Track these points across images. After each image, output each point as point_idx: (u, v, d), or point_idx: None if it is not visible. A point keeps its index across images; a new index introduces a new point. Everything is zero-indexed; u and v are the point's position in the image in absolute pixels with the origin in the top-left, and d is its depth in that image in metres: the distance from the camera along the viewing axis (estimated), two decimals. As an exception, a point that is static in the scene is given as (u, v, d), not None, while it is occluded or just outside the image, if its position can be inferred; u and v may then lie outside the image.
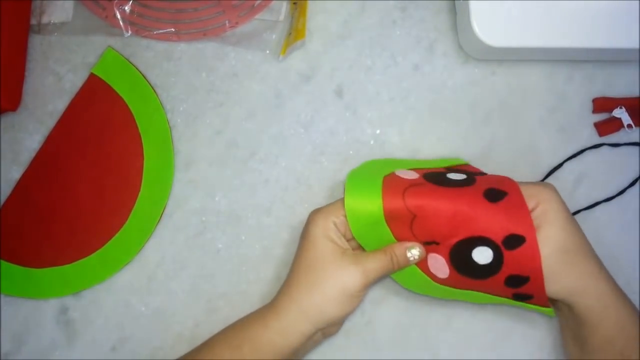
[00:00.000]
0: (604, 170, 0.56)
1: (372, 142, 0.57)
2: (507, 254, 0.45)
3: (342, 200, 0.48)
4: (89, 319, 0.54)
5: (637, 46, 0.53)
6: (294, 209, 0.55)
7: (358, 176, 0.50)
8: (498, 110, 0.57)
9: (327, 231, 0.47)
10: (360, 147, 0.56)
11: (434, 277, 0.49)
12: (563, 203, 0.47)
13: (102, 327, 0.53)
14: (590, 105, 0.57)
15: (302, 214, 0.55)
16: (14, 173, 0.55)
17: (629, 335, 0.46)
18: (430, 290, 0.50)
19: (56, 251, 0.54)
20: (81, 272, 0.54)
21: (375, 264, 0.47)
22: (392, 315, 0.54)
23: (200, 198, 0.55)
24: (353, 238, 0.49)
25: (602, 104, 0.57)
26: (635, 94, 0.57)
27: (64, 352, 0.53)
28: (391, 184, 0.47)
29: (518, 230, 0.45)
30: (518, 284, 0.46)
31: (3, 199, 0.55)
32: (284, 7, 0.58)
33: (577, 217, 0.54)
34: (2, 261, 0.53)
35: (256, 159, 0.56)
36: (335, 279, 0.46)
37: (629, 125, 0.56)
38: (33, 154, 0.55)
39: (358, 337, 0.53)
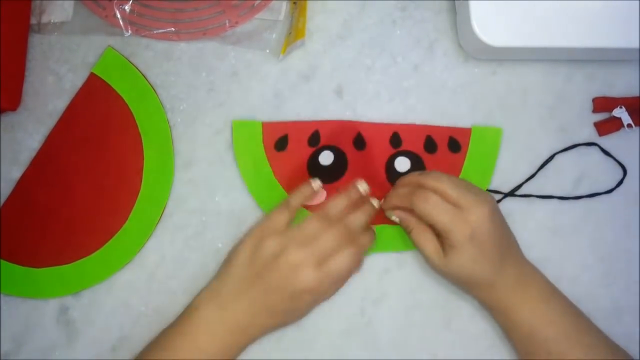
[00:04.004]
0: (603, 170, 0.56)
1: (372, 142, 0.57)
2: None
3: None
4: (89, 319, 0.53)
5: (637, 46, 0.53)
6: (294, 208, 0.55)
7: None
8: (498, 110, 0.57)
9: None
10: (360, 147, 0.56)
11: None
12: (486, 224, 0.48)
13: (102, 327, 0.53)
14: (590, 105, 0.57)
15: (302, 214, 0.55)
16: (14, 173, 0.55)
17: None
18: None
19: (56, 251, 0.54)
20: (81, 272, 0.53)
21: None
22: (392, 315, 0.54)
23: (200, 198, 0.55)
24: None
25: (602, 104, 0.57)
26: (635, 93, 0.57)
27: (64, 352, 0.53)
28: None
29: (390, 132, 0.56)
30: (432, 146, 0.56)
31: (3, 199, 0.55)
32: (284, 7, 0.58)
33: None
34: (2, 261, 0.53)
35: (256, 158, 0.56)
36: None
37: (629, 125, 0.56)
38: (33, 154, 0.55)
39: (358, 337, 0.53)
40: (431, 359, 0.53)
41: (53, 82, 0.57)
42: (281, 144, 0.55)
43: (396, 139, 0.55)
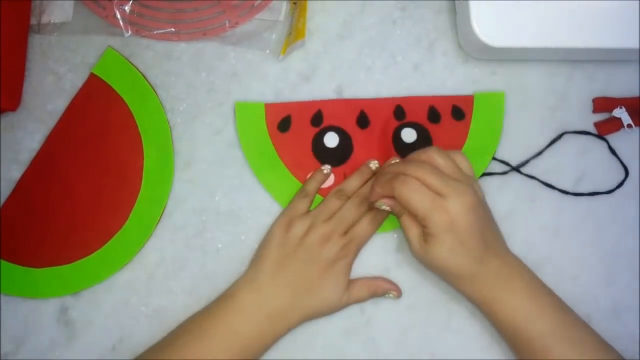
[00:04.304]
0: (604, 170, 0.56)
1: (372, 142, 0.56)
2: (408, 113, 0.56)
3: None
4: (89, 319, 0.53)
5: (637, 46, 0.53)
6: (294, 208, 0.55)
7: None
8: (498, 110, 0.57)
9: None
10: (360, 147, 0.56)
11: None
12: (468, 213, 0.47)
13: (102, 327, 0.53)
14: (590, 105, 0.57)
15: (302, 214, 0.55)
16: (14, 173, 0.55)
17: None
18: None
19: (56, 251, 0.54)
20: (81, 272, 0.53)
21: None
22: (392, 315, 0.54)
23: (200, 198, 0.55)
24: None
25: (602, 104, 0.57)
26: (635, 94, 0.57)
27: (64, 352, 0.53)
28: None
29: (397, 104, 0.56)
30: (436, 116, 0.56)
31: (3, 199, 0.55)
32: (284, 7, 0.58)
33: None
34: (2, 261, 0.53)
35: (256, 158, 0.56)
36: None
37: (629, 125, 0.56)
38: (33, 154, 0.55)
39: (358, 337, 0.53)
40: (431, 359, 0.53)
41: (53, 82, 0.57)
42: (284, 124, 0.56)
43: (400, 111, 0.56)
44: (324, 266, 0.50)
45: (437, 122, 0.56)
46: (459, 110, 0.56)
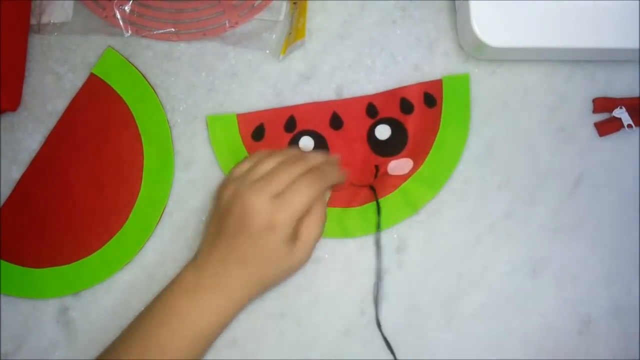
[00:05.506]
0: (604, 170, 0.56)
1: (372, 142, 0.56)
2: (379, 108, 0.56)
3: None
4: (89, 319, 0.54)
5: (637, 46, 0.53)
6: (294, 209, 0.55)
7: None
8: (498, 110, 0.57)
9: None
10: (360, 147, 0.56)
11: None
12: None
13: (102, 327, 0.53)
14: (590, 105, 0.57)
15: (302, 214, 0.55)
16: (14, 173, 0.55)
17: None
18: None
19: (56, 251, 0.54)
20: (81, 272, 0.54)
21: None
22: (392, 316, 0.54)
23: (200, 198, 0.55)
24: None
25: (602, 104, 0.57)
26: (635, 94, 0.57)
27: (64, 352, 0.53)
28: None
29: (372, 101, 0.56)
30: (409, 107, 0.56)
31: (3, 199, 0.55)
32: (284, 7, 0.58)
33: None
34: (2, 261, 0.53)
35: (256, 159, 0.56)
36: None
37: (629, 125, 0.56)
38: (33, 154, 0.55)
39: (358, 337, 0.53)
40: (431, 359, 0.53)
41: (53, 82, 0.57)
42: (258, 133, 0.55)
43: (372, 109, 0.56)
44: (251, 237, 0.46)
45: (411, 112, 0.56)
46: (430, 96, 0.56)
